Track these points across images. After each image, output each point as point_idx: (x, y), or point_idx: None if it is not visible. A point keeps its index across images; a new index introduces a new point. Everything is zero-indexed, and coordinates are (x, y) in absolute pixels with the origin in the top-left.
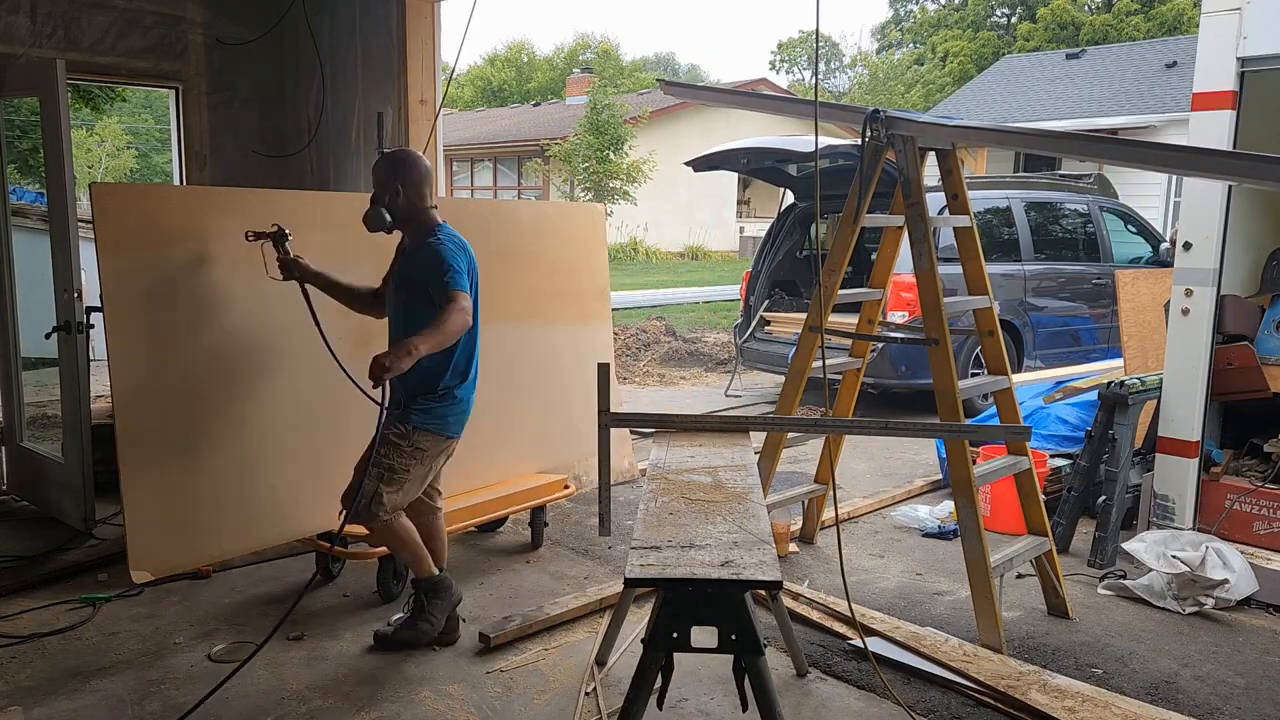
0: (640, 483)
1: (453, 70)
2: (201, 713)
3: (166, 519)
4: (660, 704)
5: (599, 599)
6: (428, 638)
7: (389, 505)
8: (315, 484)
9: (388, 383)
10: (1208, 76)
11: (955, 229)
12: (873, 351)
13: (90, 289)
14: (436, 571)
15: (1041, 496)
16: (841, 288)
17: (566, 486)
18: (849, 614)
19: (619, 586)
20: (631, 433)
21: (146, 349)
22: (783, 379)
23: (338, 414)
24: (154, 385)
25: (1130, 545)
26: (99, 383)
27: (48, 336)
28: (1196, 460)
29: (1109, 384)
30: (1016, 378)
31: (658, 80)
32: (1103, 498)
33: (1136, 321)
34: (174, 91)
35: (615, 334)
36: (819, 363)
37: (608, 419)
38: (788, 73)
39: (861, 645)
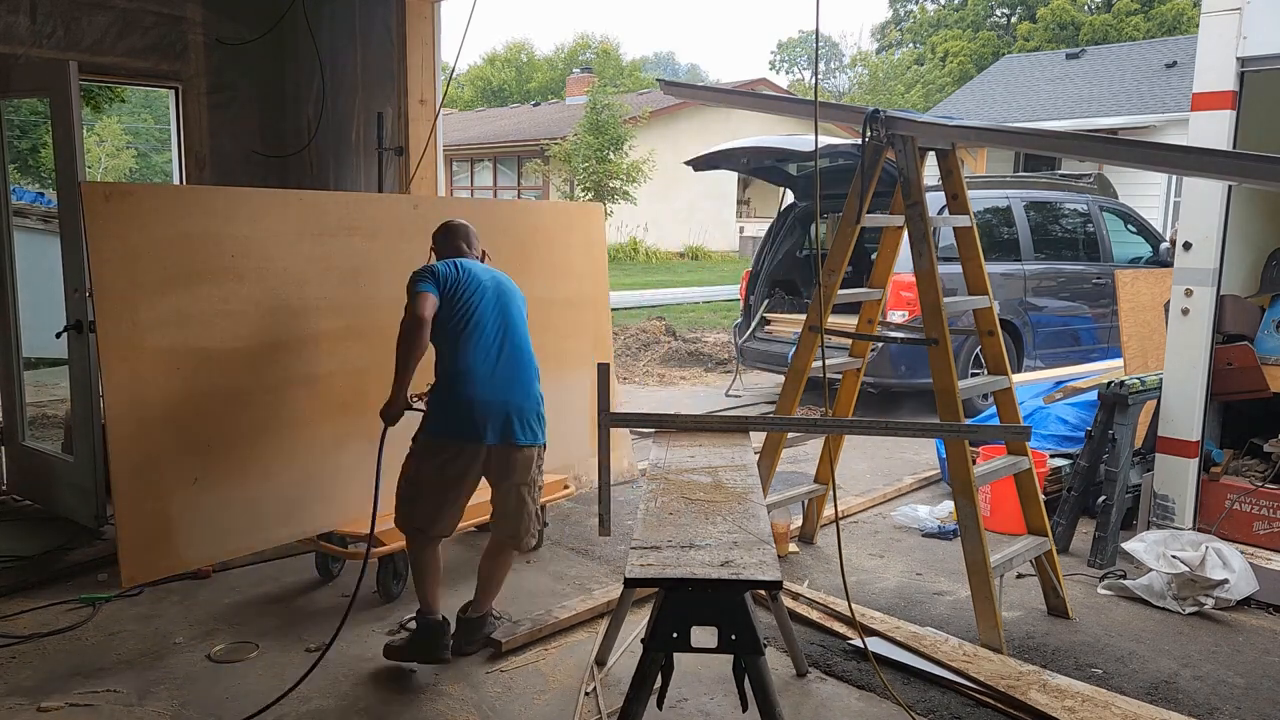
0: (640, 483)
1: (453, 70)
2: (201, 712)
3: (160, 522)
4: (660, 704)
5: (606, 601)
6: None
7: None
8: (315, 485)
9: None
10: (1208, 76)
11: (955, 229)
12: (873, 351)
13: None
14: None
15: (1041, 496)
16: (841, 288)
17: (566, 486)
18: (849, 614)
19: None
20: (631, 433)
21: (141, 350)
22: (783, 379)
23: (337, 415)
24: (148, 386)
25: (1130, 545)
26: None
27: (59, 335)
28: (1196, 460)
29: (1109, 384)
30: (1016, 378)
31: (658, 80)
32: (1103, 498)
33: (1136, 321)
34: (174, 91)
35: (615, 334)
36: (819, 363)
37: (608, 419)
38: (788, 73)
39: (861, 645)
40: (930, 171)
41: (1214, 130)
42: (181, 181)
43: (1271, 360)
